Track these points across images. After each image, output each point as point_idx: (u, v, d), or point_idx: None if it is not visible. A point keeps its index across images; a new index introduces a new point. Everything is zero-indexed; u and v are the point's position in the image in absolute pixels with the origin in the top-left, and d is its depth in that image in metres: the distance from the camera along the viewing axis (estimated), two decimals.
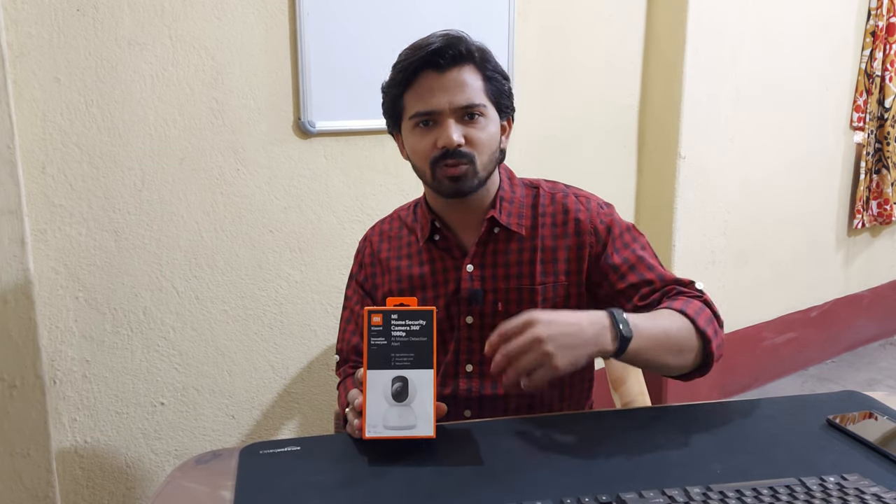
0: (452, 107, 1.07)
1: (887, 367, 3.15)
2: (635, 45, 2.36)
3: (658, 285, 1.12)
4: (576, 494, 0.81)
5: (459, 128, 1.08)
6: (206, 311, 1.73)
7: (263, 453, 0.95)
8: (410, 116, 1.11)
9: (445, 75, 1.08)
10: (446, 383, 1.18)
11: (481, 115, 1.09)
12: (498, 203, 1.16)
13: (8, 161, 1.41)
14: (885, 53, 2.94)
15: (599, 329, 0.95)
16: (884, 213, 3.08)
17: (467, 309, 1.16)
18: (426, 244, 1.19)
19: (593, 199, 1.19)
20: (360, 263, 1.27)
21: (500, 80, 1.13)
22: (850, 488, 0.82)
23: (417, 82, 1.09)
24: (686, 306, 1.05)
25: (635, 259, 1.14)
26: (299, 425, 1.92)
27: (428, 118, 1.09)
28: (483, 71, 1.10)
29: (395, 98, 1.12)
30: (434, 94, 1.08)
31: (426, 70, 1.08)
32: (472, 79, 1.09)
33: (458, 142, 1.07)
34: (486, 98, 1.10)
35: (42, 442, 1.51)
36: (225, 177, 1.70)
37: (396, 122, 1.16)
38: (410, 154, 1.15)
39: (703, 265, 2.50)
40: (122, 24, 1.54)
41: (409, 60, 1.09)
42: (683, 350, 1.03)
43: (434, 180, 1.11)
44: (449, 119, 1.08)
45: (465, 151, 1.08)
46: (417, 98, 1.09)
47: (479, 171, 1.10)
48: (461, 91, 1.08)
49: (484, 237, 1.16)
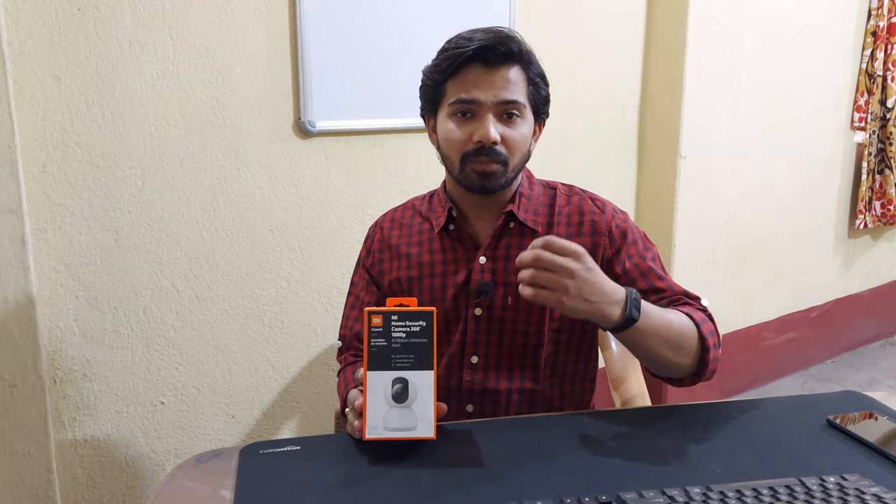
0: (495, 100, 1.08)
1: (887, 367, 3.15)
2: (635, 45, 2.36)
3: (667, 294, 1.14)
4: (576, 494, 0.81)
5: (498, 125, 1.09)
6: (206, 310, 1.73)
7: (263, 453, 0.95)
8: (451, 102, 1.11)
9: (493, 71, 1.09)
10: (451, 374, 1.18)
11: (519, 115, 1.11)
12: (517, 199, 1.17)
13: (8, 160, 1.41)
14: (886, 53, 2.94)
15: (614, 301, 0.97)
16: (887, 213, 3.08)
17: (476, 301, 1.16)
18: (440, 233, 1.19)
19: (609, 204, 1.21)
20: (368, 249, 1.27)
21: (542, 86, 1.15)
22: (850, 488, 0.82)
23: (464, 73, 1.10)
24: (692, 313, 1.08)
25: (647, 267, 1.16)
26: (299, 425, 1.92)
27: (468, 108, 1.10)
28: (528, 73, 1.12)
29: (438, 83, 1.13)
30: (480, 86, 1.09)
31: (475, 63, 1.09)
32: (517, 78, 1.10)
33: (495, 138, 1.08)
34: (526, 99, 1.12)
35: (42, 441, 1.51)
36: (225, 176, 1.70)
37: (433, 107, 1.16)
38: (442, 141, 1.15)
39: (703, 265, 2.50)
40: (122, 24, 1.54)
41: (459, 50, 1.09)
42: (682, 348, 1.04)
43: (461, 173, 1.12)
44: (489, 114, 1.09)
45: (500, 151, 1.09)
46: (461, 86, 1.10)
47: (508, 172, 1.11)
48: (506, 87, 1.09)
49: (499, 231, 1.17)
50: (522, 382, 1.17)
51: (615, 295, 0.97)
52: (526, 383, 1.17)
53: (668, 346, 1.03)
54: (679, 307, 1.11)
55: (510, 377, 1.17)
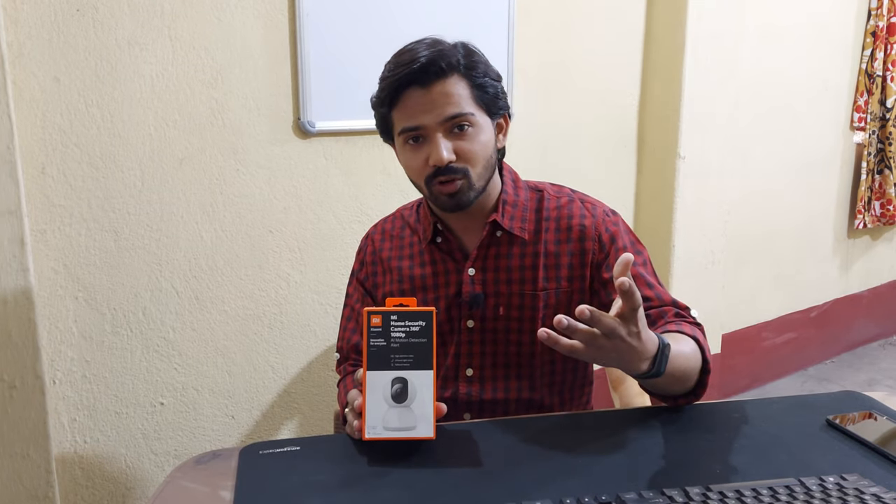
0: (439, 120, 1.05)
1: (887, 367, 3.15)
2: (635, 45, 2.36)
3: (655, 303, 1.10)
4: (576, 494, 0.81)
5: (448, 143, 1.06)
6: (205, 311, 1.73)
7: (263, 453, 0.95)
8: (399, 132, 1.09)
9: (430, 90, 1.05)
10: (446, 386, 1.17)
11: (470, 125, 1.07)
12: (500, 206, 1.15)
13: (8, 161, 1.41)
14: (886, 53, 2.94)
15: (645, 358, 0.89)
16: (887, 213, 3.08)
17: (468, 312, 1.15)
18: (428, 245, 1.18)
19: (599, 206, 1.18)
20: (361, 261, 1.27)
21: (491, 83, 1.09)
22: (849, 488, 0.82)
23: (403, 99, 1.06)
24: (695, 334, 1.03)
25: (635, 273, 1.10)
26: (299, 425, 1.92)
27: (417, 134, 1.07)
28: (470, 79, 1.07)
29: (384, 115, 1.11)
30: (421, 110, 1.05)
31: (411, 87, 1.05)
32: (458, 88, 1.06)
33: (448, 159, 1.05)
34: (474, 106, 1.07)
35: (42, 442, 1.51)
36: (225, 177, 1.70)
37: (388, 137, 1.15)
38: (405, 170, 1.13)
39: (702, 265, 2.50)
40: (121, 25, 1.54)
41: (393, 77, 1.06)
42: (689, 380, 1.01)
43: (431, 196, 1.11)
44: (437, 134, 1.05)
45: (458, 167, 1.06)
46: (404, 115, 1.07)
47: (474, 183, 1.08)
48: (447, 103, 1.05)
49: (486, 241, 1.15)
50: (519, 392, 1.16)
51: (648, 352, 0.89)
52: (523, 393, 1.16)
53: (680, 383, 1.00)
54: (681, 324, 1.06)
55: (507, 388, 1.16)
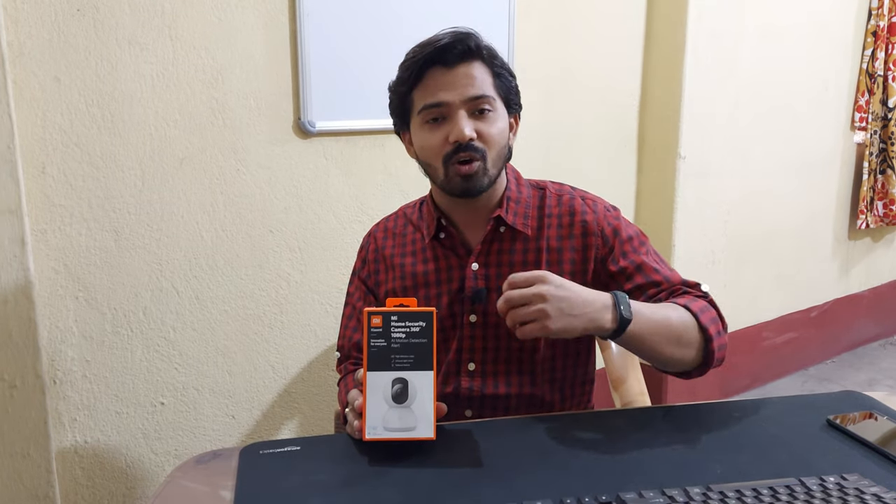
0: (463, 98, 1.07)
1: (887, 367, 3.15)
2: (635, 44, 2.36)
3: (665, 286, 1.13)
4: (576, 494, 0.81)
5: (471, 122, 1.08)
6: (206, 310, 1.73)
7: (263, 453, 0.95)
8: (419, 111, 1.10)
9: (454, 70, 1.07)
10: (448, 381, 1.18)
11: (491, 108, 1.09)
12: (504, 202, 1.16)
13: (8, 161, 1.41)
14: (887, 53, 2.94)
15: (601, 306, 0.96)
16: (890, 213, 3.07)
17: (471, 307, 1.16)
18: (431, 242, 1.19)
19: (600, 202, 1.20)
20: (363, 259, 1.27)
21: (508, 77, 1.13)
22: (850, 488, 0.82)
23: (426, 78, 1.09)
24: (690, 303, 1.06)
25: (641, 261, 1.14)
26: (299, 425, 1.92)
27: (438, 113, 1.08)
28: (491, 67, 1.11)
29: (403, 95, 1.12)
30: (444, 88, 1.07)
31: (435, 66, 1.08)
32: (481, 73, 1.09)
33: (470, 135, 1.06)
34: (495, 92, 1.10)
35: (42, 442, 1.51)
36: (225, 177, 1.70)
37: (404, 120, 1.15)
38: (420, 151, 1.14)
39: (703, 265, 2.50)
40: (122, 24, 1.54)
41: (416, 57, 1.08)
42: (683, 342, 1.03)
43: (445, 178, 1.11)
44: (460, 111, 1.07)
45: (478, 146, 1.08)
46: (426, 92, 1.09)
47: (489, 168, 1.09)
48: (471, 84, 1.07)
49: (489, 236, 1.16)
50: (521, 387, 1.16)
51: (600, 301, 0.96)
52: (524, 388, 1.16)
53: (669, 342, 1.02)
54: (677, 298, 1.09)
55: (508, 382, 1.16)
